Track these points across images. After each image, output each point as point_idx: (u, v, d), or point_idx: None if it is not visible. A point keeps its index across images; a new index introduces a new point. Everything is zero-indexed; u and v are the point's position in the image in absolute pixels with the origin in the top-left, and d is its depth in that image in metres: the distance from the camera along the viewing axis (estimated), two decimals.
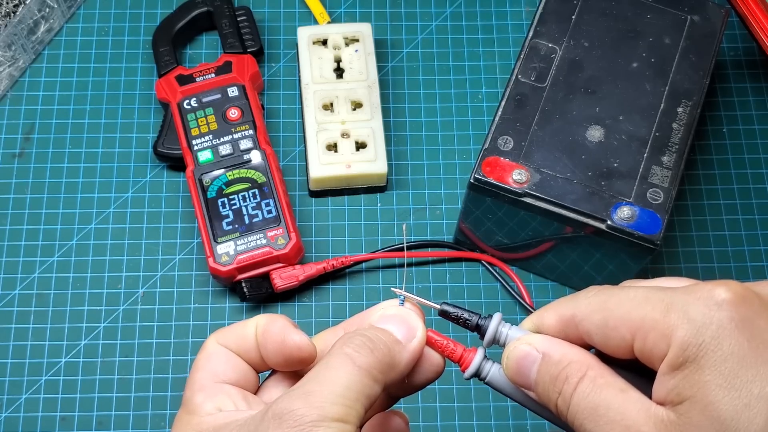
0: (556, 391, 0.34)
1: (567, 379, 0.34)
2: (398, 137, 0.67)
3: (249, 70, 0.66)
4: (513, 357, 0.36)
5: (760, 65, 0.70)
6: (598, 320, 0.34)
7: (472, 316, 0.38)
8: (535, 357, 0.35)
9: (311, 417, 0.32)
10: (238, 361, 0.38)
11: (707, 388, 0.31)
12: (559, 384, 0.34)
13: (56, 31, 0.70)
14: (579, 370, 0.34)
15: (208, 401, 0.36)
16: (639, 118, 0.56)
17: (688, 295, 0.32)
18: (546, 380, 0.35)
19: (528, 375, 0.35)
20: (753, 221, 0.65)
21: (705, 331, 0.31)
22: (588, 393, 0.33)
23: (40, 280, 0.62)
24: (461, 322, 0.38)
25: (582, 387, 0.33)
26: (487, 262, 0.63)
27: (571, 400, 0.33)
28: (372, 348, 0.34)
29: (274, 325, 0.37)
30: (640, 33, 0.58)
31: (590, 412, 0.33)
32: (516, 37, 0.70)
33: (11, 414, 0.59)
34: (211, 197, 0.61)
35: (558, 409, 0.34)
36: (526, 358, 0.35)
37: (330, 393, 0.33)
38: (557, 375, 0.34)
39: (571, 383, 0.34)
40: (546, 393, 0.35)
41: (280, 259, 0.60)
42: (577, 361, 0.34)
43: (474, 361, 0.37)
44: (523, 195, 0.54)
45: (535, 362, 0.35)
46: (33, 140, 0.66)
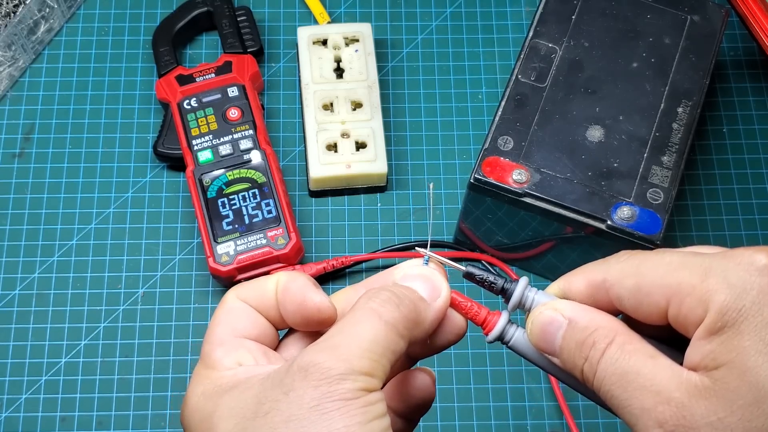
0: (583, 356, 0.33)
1: (594, 344, 0.33)
2: (398, 137, 0.67)
3: (249, 70, 0.66)
4: (538, 322, 0.35)
5: (760, 65, 0.70)
6: (630, 285, 0.33)
7: (498, 279, 0.37)
8: (560, 323, 0.34)
9: (338, 370, 0.31)
10: (258, 316, 0.36)
11: (746, 353, 0.30)
12: (585, 350, 0.33)
13: (56, 31, 0.70)
14: (607, 336, 0.33)
15: (228, 356, 0.35)
16: (639, 118, 0.56)
17: (727, 261, 0.32)
18: (572, 346, 0.34)
19: (553, 341, 0.34)
20: (753, 221, 0.65)
21: (745, 296, 0.30)
22: (616, 359, 0.32)
23: (40, 280, 0.62)
24: (486, 284, 0.37)
25: (610, 353, 0.33)
26: (487, 262, 0.63)
27: (598, 366, 0.33)
28: (398, 303, 0.34)
29: (295, 283, 0.36)
30: (640, 33, 0.59)
31: (618, 377, 0.32)
32: (516, 37, 0.70)
33: (11, 414, 0.59)
34: (211, 197, 0.61)
35: (584, 376, 0.33)
36: (551, 324, 0.35)
37: (357, 347, 0.32)
38: (584, 341, 0.33)
39: (598, 349, 0.33)
40: (572, 359, 0.34)
41: (280, 259, 0.60)
42: (605, 326, 0.33)
43: (498, 324, 0.36)
44: (523, 195, 0.54)
45: (560, 328, 0.34)
46: (33, 140, 0.66)
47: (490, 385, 0.60)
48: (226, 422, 0.32)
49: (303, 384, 0.31)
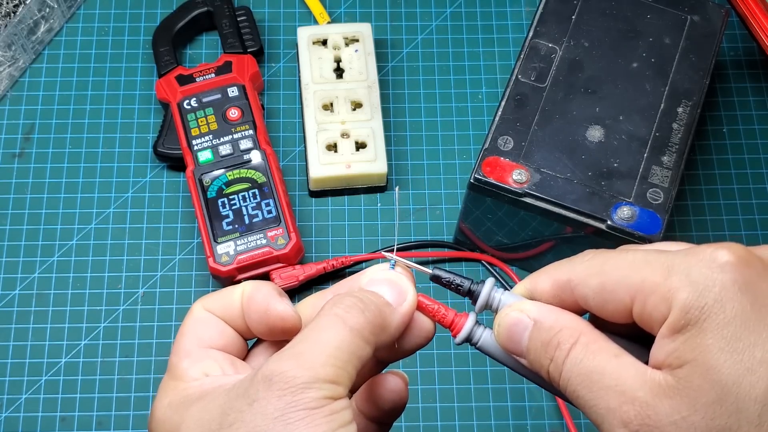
0: (548, 357, 0.33)
1: (559, 345, 0.33)
2: (398, 137, 0.67)
3: (249, 70, 0.66)
4: (504, 324, 0.35)
5: (760, 65, 0.70)
6: (595, 284, 0.34)
7: (465, 281, 0.37)
8: (526, 324, 0.34)
9: (302, 378, 0.31)
10: (225, 327, 0.36)
11: (709, 351, 0.30)
12: (550, 350, 0.33)
13: (56, 31, 0.70)
14: (571, 336, 0.33)
15: (194, 367, 0.35)
16: (639, 118, 0.56)
17: (690, 258, 0.32)
18: (537, 347, 0.34)
19: (519, 342, 0.35)
20: (753, 221, 0.65)
21: (707, 293, 0.31)
22: (581, 359, 0.32)
23: (40, 280, 0.62)
24: (453, 287, 0.37)
25: (574, 353, 0.33)
26: (487, 262, 0.63)
27: (563, 366, 0.33)
28: (363, 309, 0.34)
29: (259, 293, 0.36)
30: (640, 33, 0.58)
31: (583, 378, 0.32)
32: (516, 37, 0.70)
33: (11, 414, 0.59)
34: (211, 197, 0.61)
35: (550, 376, 0.34)
36: (517, 325, 0.35)
37: (321, 354, 0.32)
38: (549, 341, 0.33)
39: (563, 349, 0.33)
40: (538, 360, 0.34)
41: (280, 259, 0.60)
42: (569, 327, 0.33)
43: (465, 326, 0.36)
44: (523, 195, 0.54)
45: (526, 329, 0.34)
46: (33, 140, 0.66)
47: (490, 385, 0.60)
48: None
49: (267, 394, 0.31)
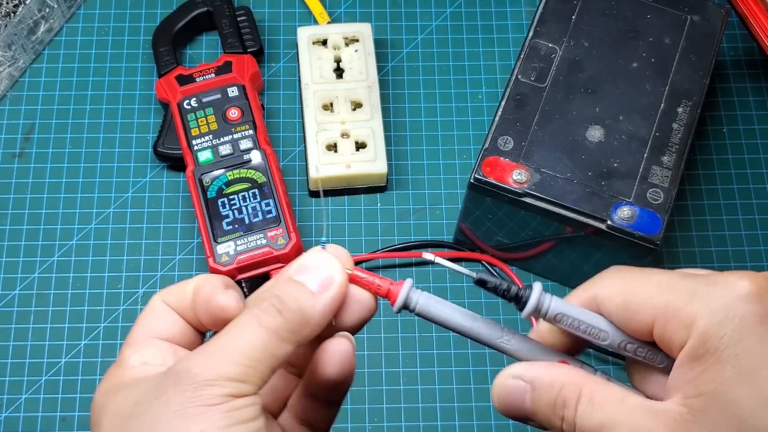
0: (559, 417, 0.34)
1: (565, 404, 0.33)
2: (398, 137, 0.67)
3: (249, 70, 0.66)
4: (501, 393, 0.36)
5: (760, 65, 0.70)
6: (618, 302, 0.34)
7: (512, 286, 0.36)
8: (524, 388, 0.35)
9: (206, 376, 0.31)
10: (176, 318, 0.36)
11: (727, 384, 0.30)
12: (558, 411, 0.34)
13: (56, 31, 0.70)
14: (574, 392, 0.33)
15: (135, 354, 0.35)
16: (639, 118, 0.56)
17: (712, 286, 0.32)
18: (544, 409, 0.34)
19: (522, 406, 0.35)
20: (753, 221, 0.65)
21: (727, 323, 0.31)
22: (590, 413, 0.33)
23: (40, 280, 0.62)
24: (500, 292, 0.36)
25: (581, 409, 0.33)
26: (487, 262, 0.63)
27: (576, 423, 0.33)
28: (280, 309, 0.33)
29: (205, 285, 0.36)
30: (640, 33, 0.59)
31: (597, 430, 0.33)
32: (516, 37, 0.70)
33: (11, 414, 0.59)
34: (211, 197, 0.61)
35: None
36: (515, 391, 0.35)
37: (231, 353, 0.32)
38: (554, 401, 0.34)
39: (570, 407, 0.33)
40: (549, 420, 0.34)
41: (280, 259, 0.60)
42: (569, 382, 0.34)
43: (401, 293, 0.36)
44: (523, 195, 0.54)
45: (525, 392, 0.35)
46: (33, 140, 0.66)
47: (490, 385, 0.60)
48: (109, 419, 0.33)
49: (173, 389, 0.32)
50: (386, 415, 0.59)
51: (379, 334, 0.61)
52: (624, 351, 0.35)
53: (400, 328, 0.61)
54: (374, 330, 0.61)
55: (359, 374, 0.60)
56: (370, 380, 0.60)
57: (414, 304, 0.36)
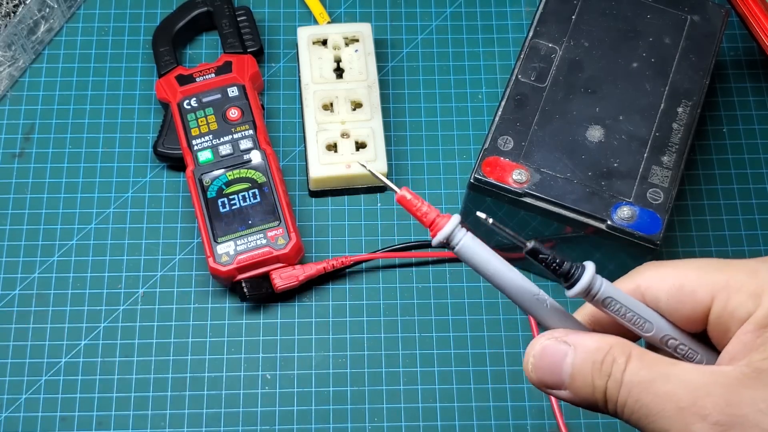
0: (605, 374, 0.32)
1: (615, 360, 0.32)
2: (398, 137, 0.67)
3: (249, 70, 0.66)
4: (539, 355, 0.34)
5: (760, 65, 0.70)
6: (670, 285, 0.33)
7: (565, 262, 0.33)
8: (565, 350, 0.33)
9: None
10: None
11: None
12: (606, 367, 0.32)
13: (56, 31, 0.70)
14: (624, 351, 0.32)
15: None
16: (639, 118, 0.56)
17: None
18: (587, 369, 0.32)
19: (560, 371, 0.33)
20: (753, 221, 0.65)
21: None
22: (639, 369, 0.31)
23: (40, 280, 0.62)
24: (551, 266, 0.34)
25: (632, 365, 0.32)
26: None
27: (623, 378, 0.32)
28: None
29: None
30: (640, 33, 0.59)
31: (646, 385, 0.31)
32: (516, 37, 0.70)
33: (11, 414, 0.59)
34: (211, 197, 0.61)
35: (608, 393, 0.32)
36: (556, 353, 0.33)
37: None
38: (602, 359, 0.32)
39: (619, 363, 0.32)
40: (589, 383, 0.32)
41: (280, 259, 0.60)
42: (618, 343, 0.32)
43: (446, 227, 0.34)
44: (523, 195, 0.54)
45: (566, 355, 0.33)
46: (33, 140, 0.66)
47: (490, 385, 0.60)
48: None
49: None
50: (386, 415, 0.59)
51: (379, 334, 0.61)
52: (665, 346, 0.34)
53: (400, 328, 0.61)
54: (374, 330, 0.61)
55: (359, 374, 0.60)
56: (370, 380, 0.60)
57: (457, 242, 0.34)
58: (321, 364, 0.60)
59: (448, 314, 0.62)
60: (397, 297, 0.62)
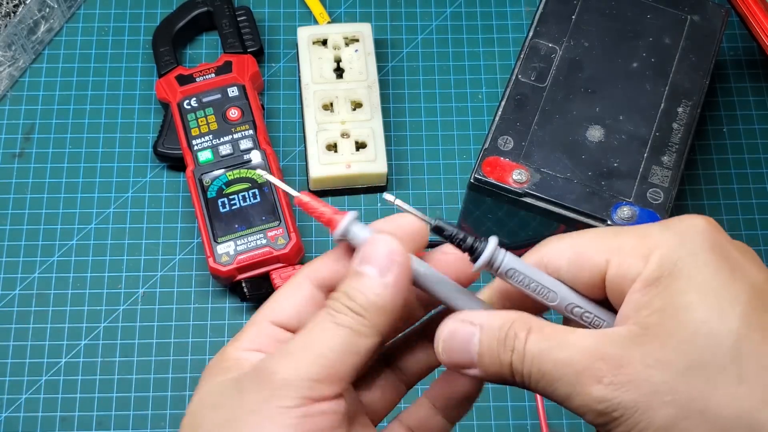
0: (509, 350, 0.33)
1: (516, 335, 0.33)
2: (398, 137, 0.67)
3: (249, 70, 0.66)
4: (447, 337, 0.34)
5: (760, 65, 0.70)
6: (570, 255, 0.34)
7: (468, 237, 0.35)
8: (472, 331, 0.34)
9: (283, 375, 0.32)
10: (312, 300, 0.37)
11: (680, 294, 0.31)
12: (509, 342, 0.33)
13: (56, 31, 0.70)
14: (524, 325, 0.33)
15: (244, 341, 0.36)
16: (639, 118, 0.56)
17: (666, 224, 0.33)
18: (494, 346, 0.33)
19: (469, 350, 0.34)
20: (753, 221, 0.65)
21: (682, 248, 0.32)
22: (539, 340, 0.33)
23: (40, 280, 0.62)
24: (455, 242, 0.35)
25: (532, 338, 0.33)
26: None
27: (525, 351, 0.33)
28: (349, 304, 0.33)
29: None
30: (640, 33, 0.59)
31: (546, 354, 0.32)
32: (516, 37, 0.70)
33: (11, 414, 0.59)
34: (211, 197, 0.61)
35: (513, 367, 0.33)
36: (463, 334, 0.34)
37: (309, 351, 0.32)
38: (505, 336, 0.33)
39: (520, 338, 0.33)
40: (496, 358, 0.33)
41: (280, 259, 0.60)
42: (519, 318, 0.34)
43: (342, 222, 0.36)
44: (523, 195, 0.54)
45: (473, 336, 0.34)
46: (33, 140, 0.66)
47: (490, 385, 0.60)
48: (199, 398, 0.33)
49: (252, 387, 0.32)
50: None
51: None
52: (571, 314, 0.35)
53: None
54: None
55: None
56: None
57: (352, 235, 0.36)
58: None
59: None
60: None
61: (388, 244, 0.35)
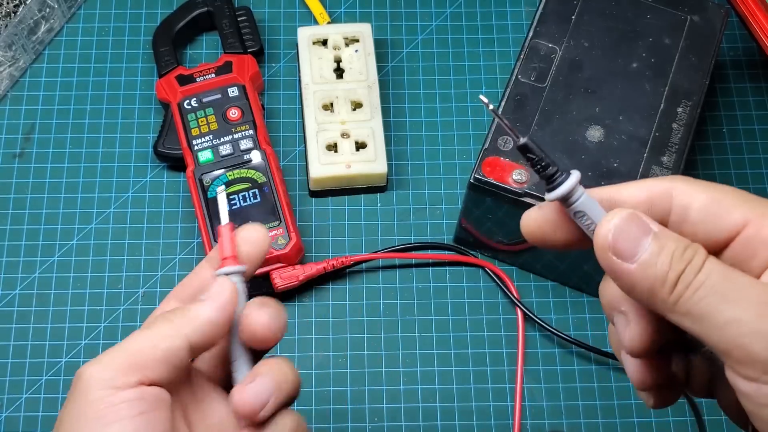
0: (686, 259, 0.31)
1: (697, 252, 0.31)
2: (398, 137, 0.67)
3: (249, 70, 0.66)
4: (628, 219, 0.32)
5: (760, 65, 0.70)
6: (706, 197, 0.33)
7: (552, 166, 0.33)
8: (650, 227, 0.32)
9: (91, 373, 0.35)
10: None
11: None
12: (688, 254, 0.31)
13: (56, 31, 0.70)
14: (704, 250, 0.31)
15: None
16: (639, 118, 0.56)
17: None
18: (670, 249, 0.31)
19: (639, 241, 0.31)
20: None
21: None
22: (718, 264, 0.31)
23: (41, 280, 0.62)
24: (537, 166, 0.33)
25: (712, 260, 0.31)
26: (490, 269, 0.63)
27: (703, 266, 0.31)
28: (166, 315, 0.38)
29: None
30: (640, 33, 0.59)
31: (726, 274, 0.30)
32: (516, 37, 0.70)
33: (12, 414, 0.59)
34: (211, 197, 0.61)
35: (683, 277, 0.31)
36: (642, 225, 0.32)
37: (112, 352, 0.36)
38: (685, 247, 0.31)
39: (701, 254, 0.31)
40: (666, 262, 0.31)
41: (281, 259, 0.60)
42: (697, 245, 0.32)
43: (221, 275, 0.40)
44: (523, 195, 0.54)
45: (650, 231, 0.31)
46: (33, 140, 0.66)
47: (490, 385, 0.60)
48: None
49: (71, 392, 0.36)
50: (386, 415, 0.59)
51: (380, 334, 0.61)
52: None
53: (400, 328, 0.61)
54: (374, 330, 0.61)
55: (359, 374, 0.60)
56: (370, 380, 0.60)
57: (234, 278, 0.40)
58: (321, 364, 0.60)
59: (448, 314, 0.62)
60: (397, 297, 0.62)
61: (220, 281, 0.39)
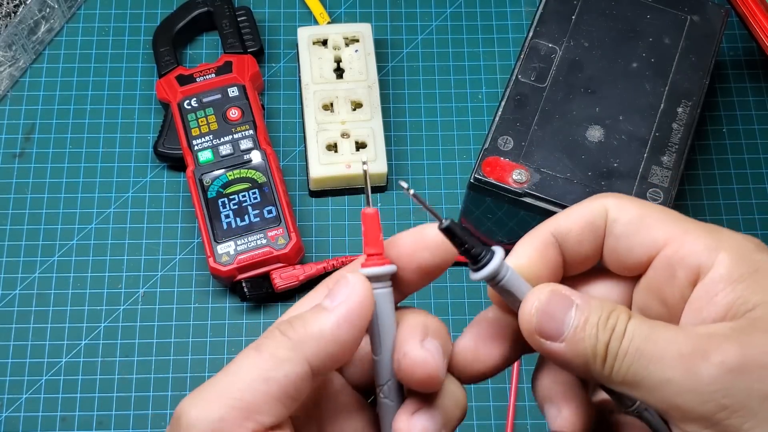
0: (609, 328, 0.31)
1: (619, 317, 0.31)
2: (398, 137, 0.67)
3: (249, 70, 0.66)
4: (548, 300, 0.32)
5: (760, 65, 0.70)
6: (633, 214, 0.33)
7: (477, 245, 0.32)
8: (571, 302, 0.32)
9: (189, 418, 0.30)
10: None
11: None
12: (611, 322, 0.31)
13: (57, 31, 0.70)
14: (625, 311, 0.31)
15: None
16: (639, 118, 0.56)
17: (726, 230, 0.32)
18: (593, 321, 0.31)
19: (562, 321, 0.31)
20: (753, 221, 0.65)
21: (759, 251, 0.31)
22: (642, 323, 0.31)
23: (41, 280, 0.62)
24: (462, 249, 0.32)
25: (635, 320, 0.31)
26: None
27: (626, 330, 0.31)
28: (282, 330, 0.31)
29: None
30: (640, 33, 0.59)
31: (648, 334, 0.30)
32: (516, 37, 0.70)
33: (12, 414, 0.59)
34: (211, 197, 0.61)
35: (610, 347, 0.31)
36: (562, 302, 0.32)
37: (216, 390, 0.31)
38: (608, 315, 0.31)
39: (623, 318, 0.31)
40: (592, 335, 0.31)
41: (281, 259, 0.60)
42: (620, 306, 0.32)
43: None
44: (523, 195, 0.54)
45: (572, 307, 0.31)
46: (33, 140, 0.66)
47: (491, 385, 0.60)
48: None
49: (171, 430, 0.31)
50: None
51: None
52: None
53: None
54: None
55: None
56: None
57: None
58: None
59: (449, 314, 0.62)
60: None
61: (351, 284, 0.33)
